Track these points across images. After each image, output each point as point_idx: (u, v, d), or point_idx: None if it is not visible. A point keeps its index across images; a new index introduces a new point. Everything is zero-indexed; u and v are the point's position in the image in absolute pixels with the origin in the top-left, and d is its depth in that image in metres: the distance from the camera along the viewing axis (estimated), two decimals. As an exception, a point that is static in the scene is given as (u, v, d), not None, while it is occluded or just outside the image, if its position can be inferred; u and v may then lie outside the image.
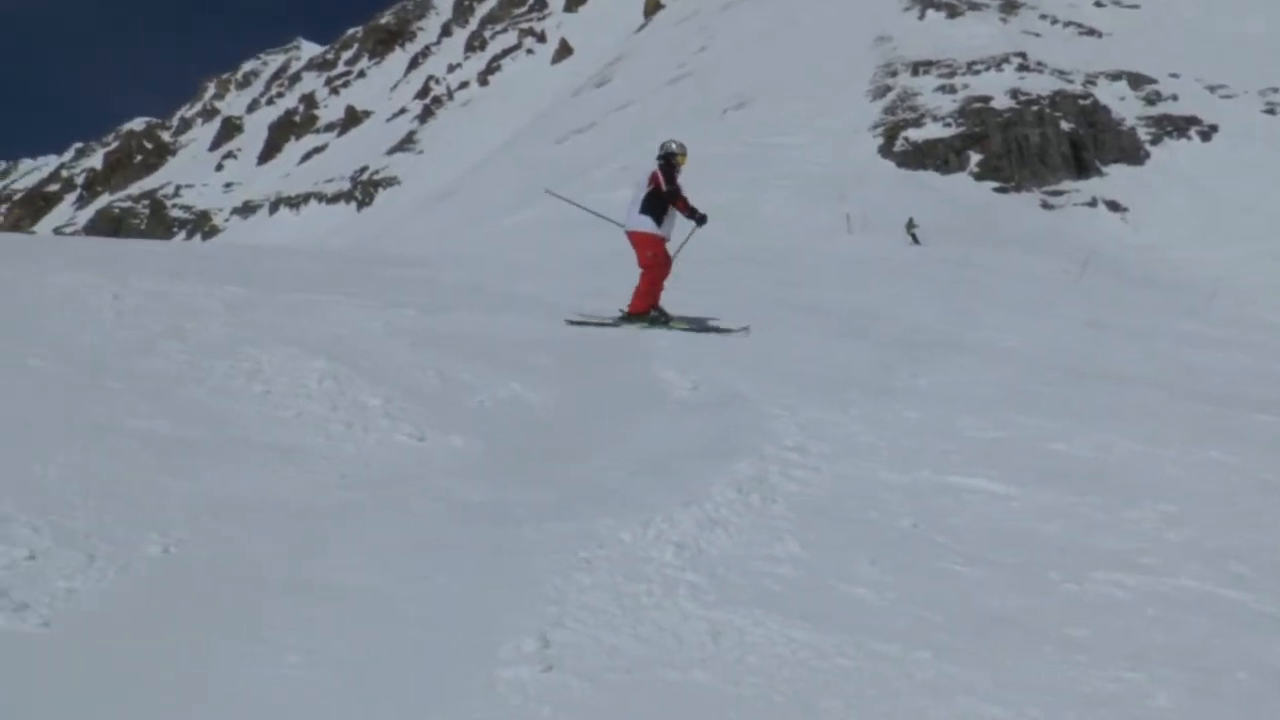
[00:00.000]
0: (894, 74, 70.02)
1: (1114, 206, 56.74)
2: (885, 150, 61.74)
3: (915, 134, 62.43)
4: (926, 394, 8.27)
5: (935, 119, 63.38)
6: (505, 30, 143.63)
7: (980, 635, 3.80)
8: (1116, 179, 59.38)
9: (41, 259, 11.83)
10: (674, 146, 11.39)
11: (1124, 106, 64.25)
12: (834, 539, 4.61)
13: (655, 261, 11.12)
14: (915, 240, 38.64)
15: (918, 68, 69.58)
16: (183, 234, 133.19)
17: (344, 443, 5.65)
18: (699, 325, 11.06)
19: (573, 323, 10.58)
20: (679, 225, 11.51)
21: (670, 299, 11.59)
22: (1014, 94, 64.01)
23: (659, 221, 11.06)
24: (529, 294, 12.92)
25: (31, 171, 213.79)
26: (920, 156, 61.14)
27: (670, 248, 11.40)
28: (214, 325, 8.52)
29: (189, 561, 3.84)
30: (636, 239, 11.19)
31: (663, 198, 11.05)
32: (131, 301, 9.43)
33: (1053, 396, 8.68)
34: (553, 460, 5.84)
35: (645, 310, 10.99)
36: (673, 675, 3.28)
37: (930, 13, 78.95)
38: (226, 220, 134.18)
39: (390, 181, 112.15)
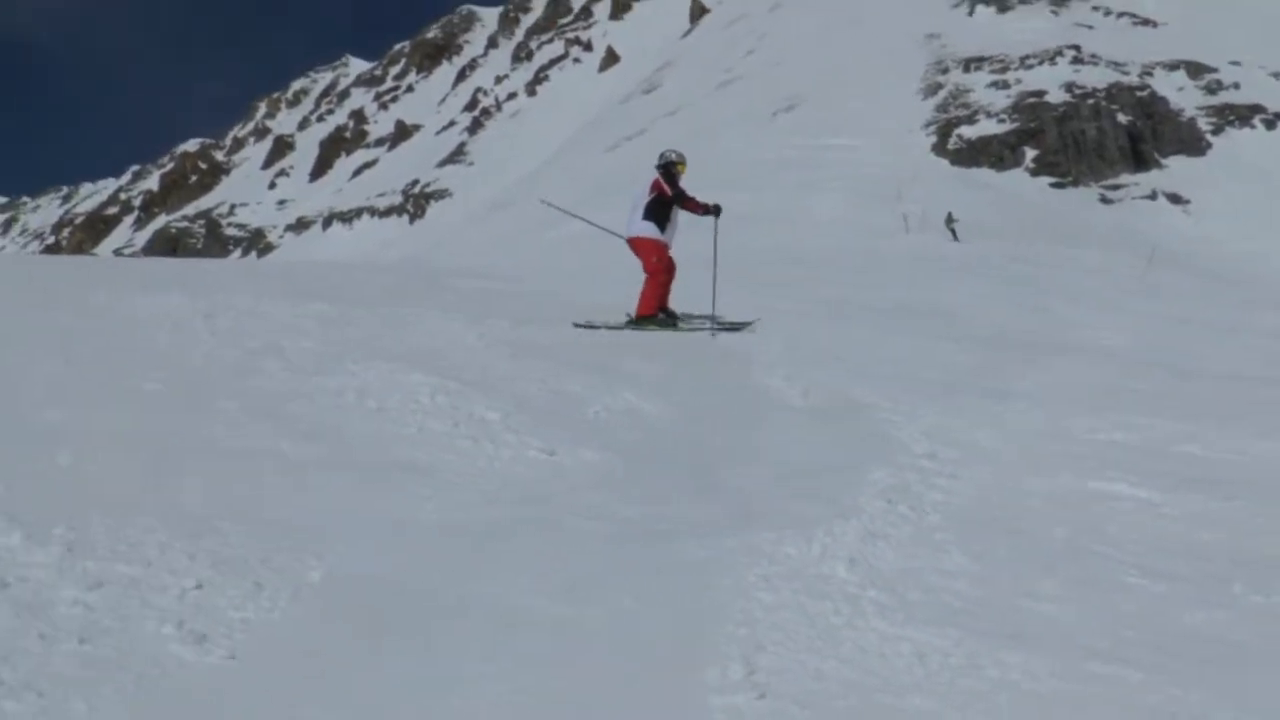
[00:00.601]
0: (945, 71, 69.33)
1: (1175, 199, 55.80)
2: (939, 149, 61.10)
3: (969, 131, 61.75)
4: (1037, 395, 8.12)
5: (989, 115, 62.65)
6: (551, 40, 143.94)
7: (1187, 654, 3.66)
8: (1177, 171, 58.39)
9: (124, 281, 11.91)
10: (673, 156, 11.76)
11: (1183, 97, 63.21)
12: (997, 551, 4.49)
13: (660, 266, 11.37)
14: (954, 236, 38.07)
15: (969, 64, 68.84)
16: (238, 252, 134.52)
17: (475, 459, 5.60)
18: (709, 324, 11.30)
19: (580, 326, 10.68)
20: (682, 229, 11.82)
21: (738, 302, 11.74)
22: (1069, 88, 63.14)
23: (661, 227, 11.38)
24: (610, 302, 12.86)
25: (91, 195, 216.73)
26: (974, 154, 60.46)
27: (674, 251, 11.68)
28: (310, 342, 8.58)
29: (355, 587, 3.79)
30: (640, 245, 11.48)
31: (668, 203, 11.38)
32: (224, 321, 9.47)
33: (1164, 396, 8.51)
34: (692, 473, 5.78)
35: (653, 313, 11.24)
36: (890, 700, 3.18)
37: (980, 8, 78.20)
38: (280, 237, 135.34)
39: (441, 194, 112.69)
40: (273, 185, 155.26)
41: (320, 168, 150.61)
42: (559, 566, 4.10)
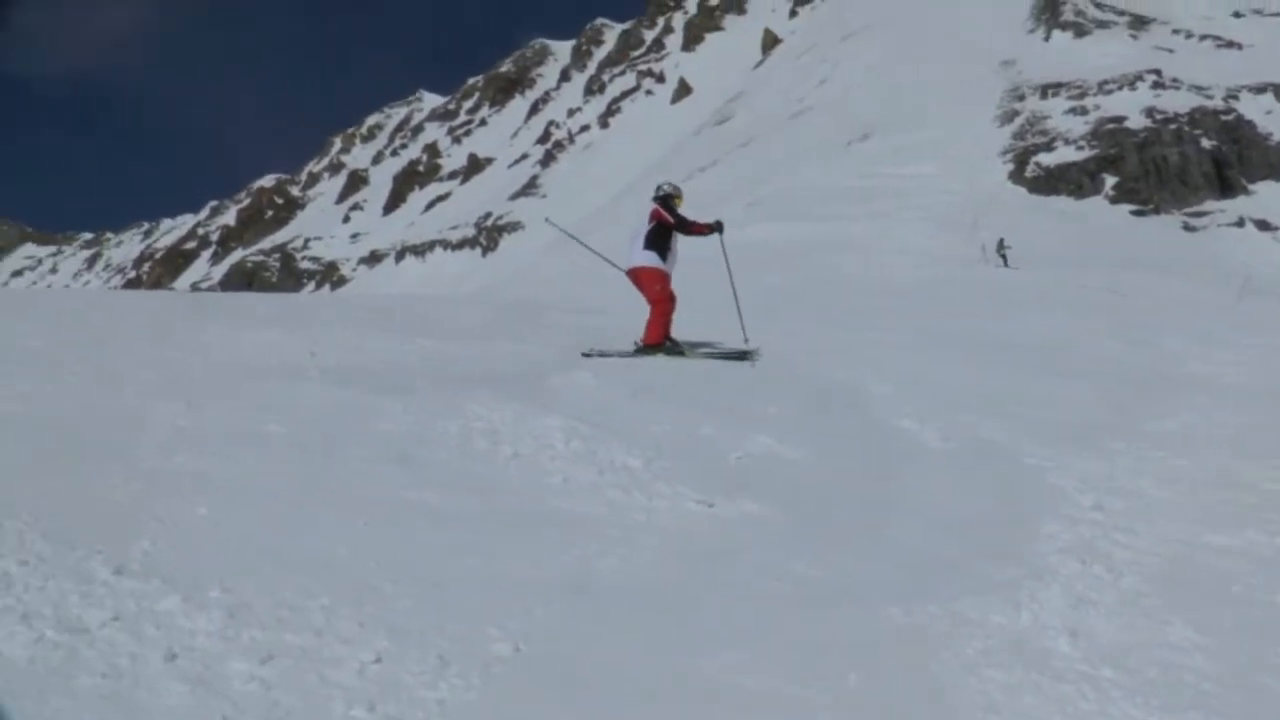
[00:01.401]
0: (1021, 98, 68.44)
1: (1264, 226, 54.41)
2: (1016, 176, 60.19)
3: (1046, 158, 60.82)
4: (1181, 437, 7.78)
5: (1067, 142, 61.64)
6: (623, 73, 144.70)
7: None
8: (1266, 197, 56.98)
9: (225, 317, 11.83)
10: (668, 188, 12.01)
11: (1271, 120, 61.81)
12: (1221, 621, 4.21)
13: (663, 295, 11.40)
14: (1005, 262, 37.24)
15: (1046, 90, 67.87)
16: (312, 285, 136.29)
17: (631, 511, 5.44)
18: (712, 352, 11.45)
19: (589, 355, 10.66)
20: (683, 259, 11.92)
21: (827, 335, 11.84)
22: (1149, 113, 61.97)
23: (663, 257, 11.47)
24: (707, 336, 12.65)
25: (170, 231, 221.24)
26: (1052, 181, 59.50)
27: (675, 280, 11.71)
28: (423, 381, 8.48)
29: (549, 662, 3.59)
30: (643, 275, 11.52)
31: (668, 231, 11.51)
32: (330, 359, 9.41)
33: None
34: (856, 526, 5.58)
35: (660, 342, 11.30)
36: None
37: (1056, 33, 77.23)
38: (354, 270, 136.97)
39: (514, 226, 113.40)
40: (346, 219, 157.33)
41: (394, 201, 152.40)
42: (760, 636, 3.87)
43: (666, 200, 11.66)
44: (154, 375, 8.53)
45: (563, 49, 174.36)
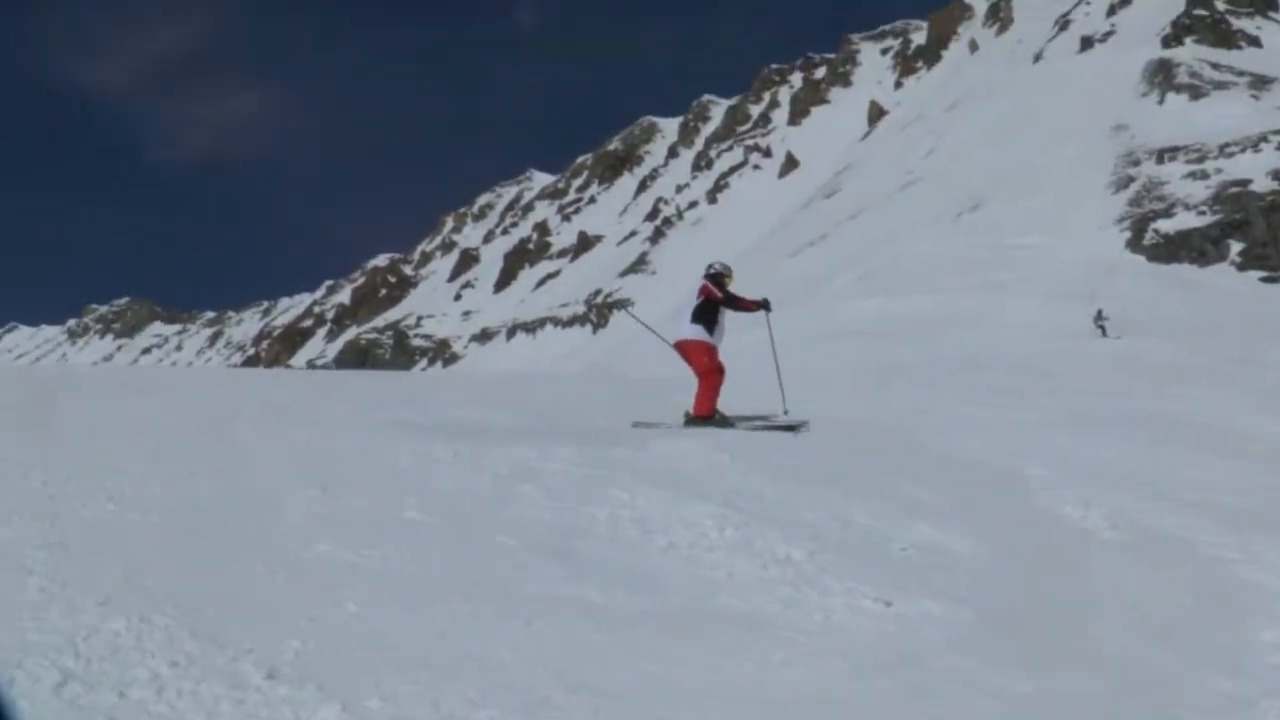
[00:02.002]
0: (1136, 163, 66.99)
1: (1400, 289, 52.34)
2: (1134, 244, 58.75)
3: (1166, 225, 59.29)
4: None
5: (1187, 208, 60.04)
6: (730, 148, 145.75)
7: None
8: (1406, 260, 54.81)
9: (353, 397, 11.87)
10: (719, 267, 12.27)
11: (1402, 181, 59.64)
12: None
13: (711, 367, 11.61)
14: (1104, 333, 35.99)
15: (1162, 154, 66.34)
16: (424, 362, 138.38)
17: (807, 611, 5.18)
18: (761, 424, 11.53)
19: (639, 425, 11.02)
20: (730, 333, 12.17)
21: (967, 415, 12.26)
22: (1276, 175, 60.25)
23: (710, 330, 11.71)
24: (830, 413, 12.30)
25: (288, 309, 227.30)
26: (1173, 248, 57.91)
27: (722, 353, 11.93)
28: (559, 464, 8.29)
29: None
30: (690, 348, 11.77)
31: (715, 306, 11.77)
32: (462, 444, 9.21)
33: None
34: (1053, 631, 5.20)
35: (709, 414, 11.43)
36: None
37: (1171, 95, 75.74)
38: (465, 347, 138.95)
39: (624, 303, 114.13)
40: (458, 297, 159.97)
41: (504, 279, 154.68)
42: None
43: (717, 278, 11.97)
44: (284, 456, 8.57)
45: (670, 125, 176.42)
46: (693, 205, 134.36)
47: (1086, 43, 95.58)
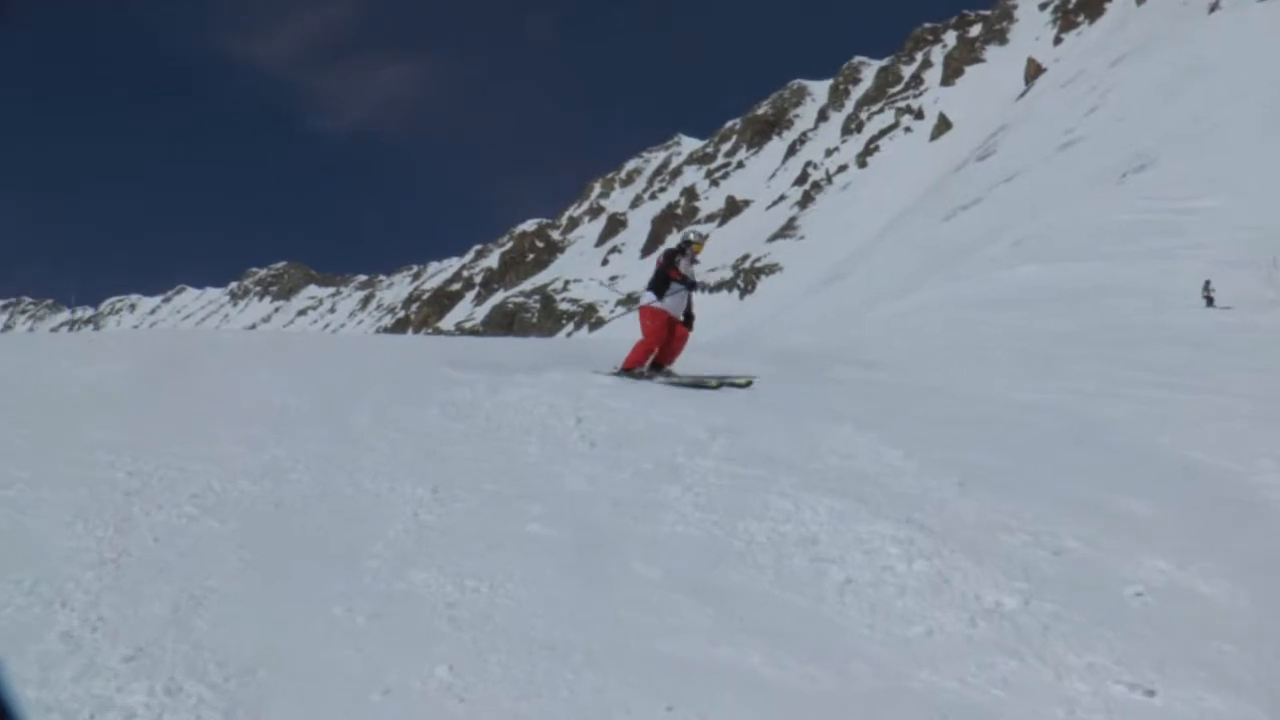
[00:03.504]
0: (1324, 117, 63.10)
1: None
2: (1319, 207, 55.34)
3: (1356, 185, 55.69)
4: None
5: (1382, 165, 56.29)
6: (882, 110, 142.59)
7: None
8: None
9: (482, 368, 11.15)
10: (692, 237, 13.41)
11: None
12: None
13: (650, 329, 12.86)
14: (1210, 303, 33.25)
15: (1355, 106, 62.35)
16: (570, 325, 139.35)
17: (1045, 700, 4.02)
18: (691, 380, 12.31)
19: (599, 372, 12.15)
20: (692, 299, 13.15)
21: (1136, 394, 10.80)
22: None
23: (659, 296, 12.87)
24: (1005, 396, 11.23)
25: (438, 273, 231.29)
26: (1364, 210, 54.35)
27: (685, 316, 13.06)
28: (709, 460, 7.51)
29: None
30: (641, 312, 13.09)
31: (664, 275, 12.90)
32: (598, 426, 8.64)
33: None
34: None
35: (631, 368, 12.64)
36: None
37: (1363, 40, 71.03)
38: (611, 312, 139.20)
39: (772, 269, 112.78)
40: (605, 262, 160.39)
41: (652, 244, 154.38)
42: None
43: (670, 252, 13.05)
44: (399, 444, 7.97)
45: (820, 88, 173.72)
46: (842, 169, 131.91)
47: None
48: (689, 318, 13.08)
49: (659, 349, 12.83)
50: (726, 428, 8.68)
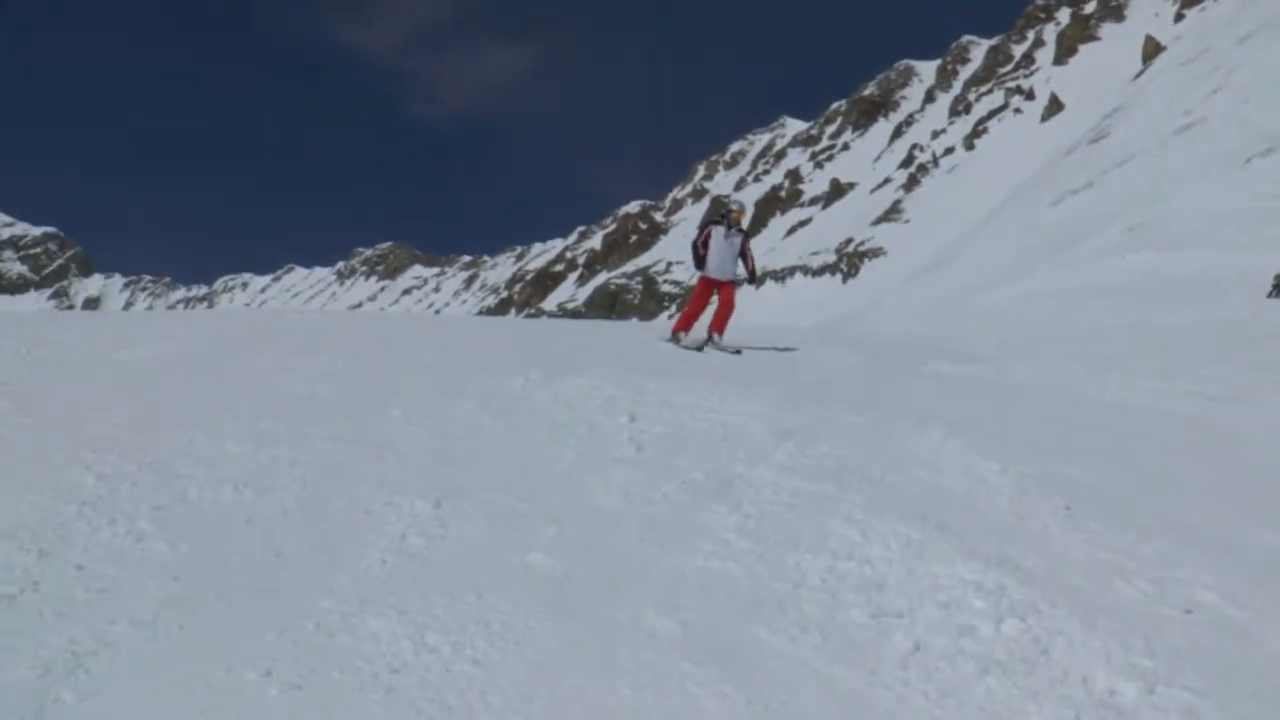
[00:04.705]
0: None
1: None
2: None
3: None
4: None
5: None
6: (990, 91, 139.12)
7: None
8: None
9: (541, 363, 10.46)
10: (732, 206, 13.92)
11: None
12: None
13: (692, 295, 13.82)
14: (1276, 293, 30.69)
15: None
16: (672, 307, 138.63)
17: None
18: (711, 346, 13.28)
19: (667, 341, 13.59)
20: (731, 260, 13.72)
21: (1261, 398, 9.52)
22: None
23: (698, 266, 13.78)
24: (1119, 398, 10.03)
25: (541, 254, 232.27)
26: None
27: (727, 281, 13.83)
28: (768, 471, 6.60)
29: None
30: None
31: (706, 242, 13.68)
32: (653, 427, 7.76)
33: None
34: None
35: (675, 333, 13.75)
36: None
37: None
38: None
39: (876, 253, 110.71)
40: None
41: (755, 227, 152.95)
42: None
43: (709, 222, 13.73)
44: (424, 441, 7.20)
45: (927, 69, 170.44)
46: (949, 151, 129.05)
47: None
48: (753, 277, 13.77)
49: (711, 315, 13.61)
50: (799, 429, 7.77)
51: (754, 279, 13.93)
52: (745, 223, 14.00)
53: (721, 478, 6.51)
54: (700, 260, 13.68)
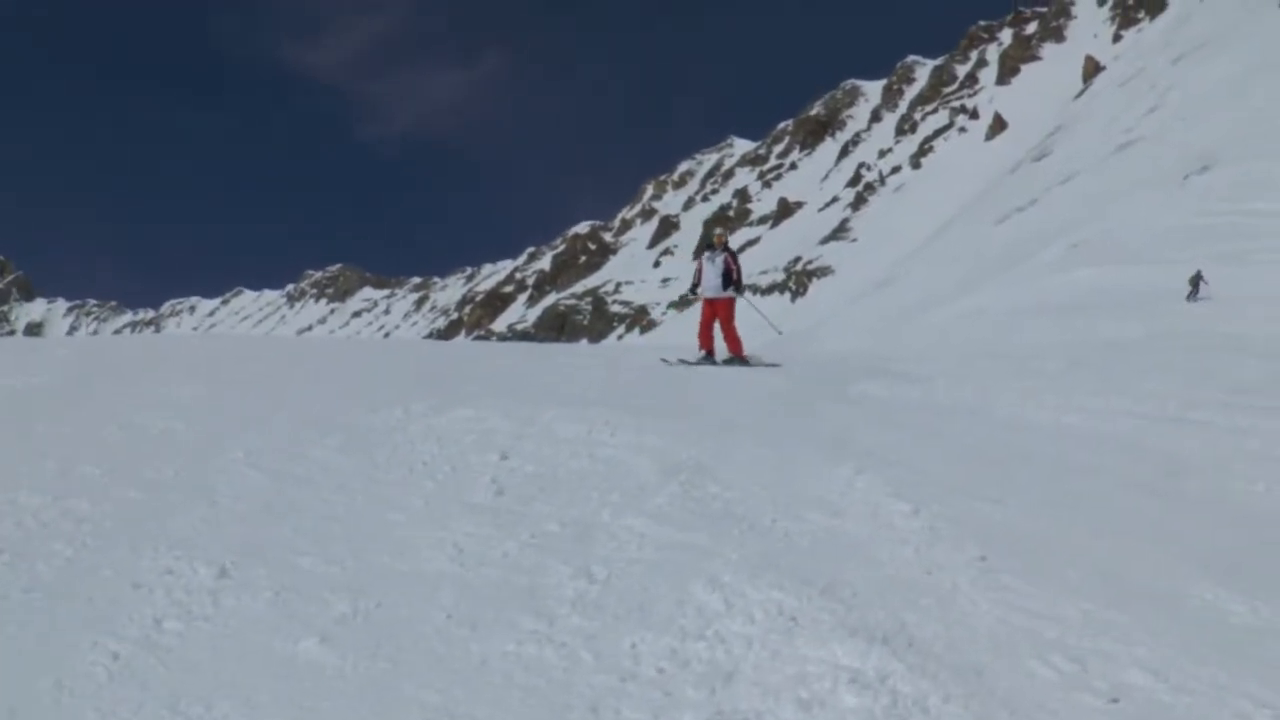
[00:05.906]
0: (1401, 115, 60.56)
1: None
2: (1398, 208, 52.94)
3: None
4: None
5: None
6: (935, 110, 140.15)
7: None
8: None
9: (494, 390, 9.80)
10: (715, 233, 16.77)
11: None
12: None
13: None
14: (1195, 291, 30.59)
15: None
16: (621, 328, 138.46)
17: None
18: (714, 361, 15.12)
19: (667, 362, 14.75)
20: (716, 277, 15.53)
21: (1209, 418, 9.10)
22: None
23: (693, 288, 15.82)
24: (1055, 421, 9.41)
25: (491, 275, 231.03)
26: None
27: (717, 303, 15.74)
28: (638, 518, 5.86)
29: None
30: None
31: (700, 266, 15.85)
32: (525, 465, 7.08)
33: None
34: None
35: (733, 355, 15.31)
36: None
37: None
38: (664, 314, 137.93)
39: (824, 271, 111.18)
40: (657, 264, 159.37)
41: (704, 246, 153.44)
42: None
43: (699, 251, 14.95)
44: (252, 488, 6.46)
45: (873, 89, 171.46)
46: (895, 170, 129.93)
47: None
48: (738, 287, 15.48)
49: (709, 333, 15.28)
50: (690, 465, 7.03)
51: (739, 287, 15.61)
52: (729, 241, 16.35)
53: (581, 528, 5.77)
54: (694, 287, 15.81)
